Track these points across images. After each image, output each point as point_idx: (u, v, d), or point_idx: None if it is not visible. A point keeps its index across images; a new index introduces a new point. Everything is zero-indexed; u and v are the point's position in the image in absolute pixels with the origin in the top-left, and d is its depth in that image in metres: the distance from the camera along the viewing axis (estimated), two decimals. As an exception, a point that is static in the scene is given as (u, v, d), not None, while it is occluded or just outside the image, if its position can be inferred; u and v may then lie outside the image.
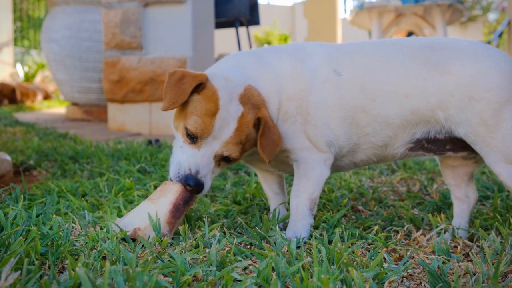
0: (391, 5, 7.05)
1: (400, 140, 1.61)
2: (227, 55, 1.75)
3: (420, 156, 1.66)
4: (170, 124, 1.62)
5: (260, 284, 1.18)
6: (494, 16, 16.26)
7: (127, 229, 1.48)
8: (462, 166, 1.73)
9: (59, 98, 11.41)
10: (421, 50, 1.58)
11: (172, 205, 1.51)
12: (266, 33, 11.62)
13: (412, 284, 1.27)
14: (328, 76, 1.61)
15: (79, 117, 6.48)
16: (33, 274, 1.11)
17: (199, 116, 1.49)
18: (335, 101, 1.59)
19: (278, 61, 1.64)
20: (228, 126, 1.50)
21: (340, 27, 11.49)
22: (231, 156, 1.53)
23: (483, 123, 1.47)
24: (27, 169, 2.79)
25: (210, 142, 1.51)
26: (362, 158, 1.70)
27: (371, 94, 1.58)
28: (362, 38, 14.84)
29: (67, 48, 6.18)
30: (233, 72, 1.58)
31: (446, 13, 7.06)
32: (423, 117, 1.56)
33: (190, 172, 1.50)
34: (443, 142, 1.60)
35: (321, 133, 1.61)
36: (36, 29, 15.94)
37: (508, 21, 8.27)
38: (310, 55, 1.65)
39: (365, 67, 1.61)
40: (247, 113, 1.52)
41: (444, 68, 1.53)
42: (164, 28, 4.92)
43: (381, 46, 1.66)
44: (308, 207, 1.62)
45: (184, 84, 1.50)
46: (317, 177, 1.63)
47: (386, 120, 1.58)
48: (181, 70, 1.55)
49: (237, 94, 1.52)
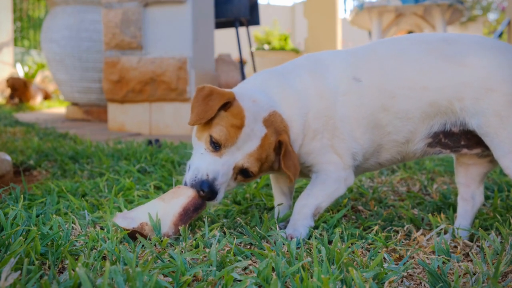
0: (391, 5, 7.05)
1: (419, 134, 1.65)
2: (254, 74, 1.78)
3: (437, 153, 1.69)
4: (192, 136, 1.64)
5: (260, 284, 1.18)
6: (494, 16, 16.25)
7: (134, 222, 1.49)
8: (476, 165, 1.75)
9: (59, 98, 11.40)
10: (436, 44, 1.63)
11: (182, 208, 1.51)
12: (266, 33, 11.61)
13: (412, 284, 1.27)
14: (349, 87, 1.65)
15: (79, 117, 6.48)
16: (33, 274, 1.11)
17: (225, 126, 1.52)
18: (357, 110, 1.64)
19: (300, 81, 1.67)
20: (251, 141, 1.54)
21: (340, 27, 11.49)
22: (250, 169, 1.55)
23: (496, 113, 1.52)
24: (27, 169, 2.79)
25: (233, 151, 1.53)
26: (387, 158, 1.73)
27: (390, 92, 1.62)
28: (362, 38, 14.84)
29: (67, 48, 6.18)
30: (259, 95, 1.61)
31: (446, 13, 7.05)
32: (440, 108, 1.60)
33: (207, 178, 1.51)
34: (458, 136, 1.63)
35: (347, 145, 1.65)
36: (36, 29, 15.95)
37: (508, 21, 8.27)
38: (328, 68, 1.69)
39: (381, 67, 1.64)
40: (270, 135, 1.56)
41: (460, 60, 1.57)
42: (164, 28, 4.92)
43: (394, 43, 1.70)
44: (312, 212, 1.64)
45: (212, 100, 1.53)
46: (332, 191, 1.67)
47: (406, 114, 1.62)
48: (210, 86, 1.57)
49: (262, 117, 1.56)
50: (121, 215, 1.52)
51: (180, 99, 4.90)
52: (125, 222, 1.50)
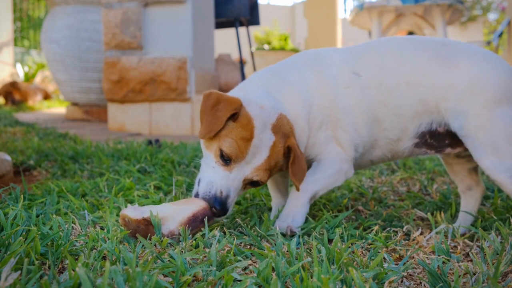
0: (391, 5, 7.05)
1: (409, 132, 1.70)
2: (253, 74, 1.79)
3: (423, 154, 1.74)
4: (201, 143, 1.64)
5: (260, 284, 1.18)
6: (494, 16, 16.25)
7: (143, 213, 1.49)
8: (457, 164, 1.85)
9: (59, 98, 11.40)
10: (432, 44, 1.69)
11: (192, 214, 1.52)
12: (266, 33, 11.61)
13: (412, 284, 1.27)
14: (349, 80, 1.68)
15: (79, 117, 6.48)
16: (33, 274, 1.11)
17: (234, 140, 1.52)
18: (359, 102, 1.67)
19: (300, 77, 1.70)
20: (260, 153, 1.55)
21: (340, 27, 11.49)
22: (260, 181, 1.58)
23: (477, 116, 1.58)
24: (27, 169, 2.79)
25: (242, 166, 1.55)
26: (378, 155, 1.78)
27: (388, 87, 1.66)
28: (362, 38, 14.84)
29: (67, 48, 6.18)
30: (265, 98, 1.61)
31: (446, 13, 7.05)
32: (428, 107, 1.65)
33: (221, 195, 1.53)
34: (443, 136, 1.69)
35: (350, 136, 1.69)
36: (36, 29, 15.95)
37: (508, 21, 8.27)
38: (327, 63, 1.72)
39: (380, 63, 1.69)
40: (279, 142, 1.57)
41: (452, 62, 1.63)
42: (164, 28, 4.92)
43: (392, 41, 1.75)
44: (309, 198, 1.67)
45: (219, 111, 1.52)
46: (332, 181, 1.71)
47: (400, 111, 1.67)
48: (216, 93, 1.56)
49: (270, 124, 1.56)
50: (131, 207, 1.53)
51: (180, 99, 4.90)
52: (135, 213, 1.51)
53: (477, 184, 1.85)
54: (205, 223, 1.53)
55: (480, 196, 1.85)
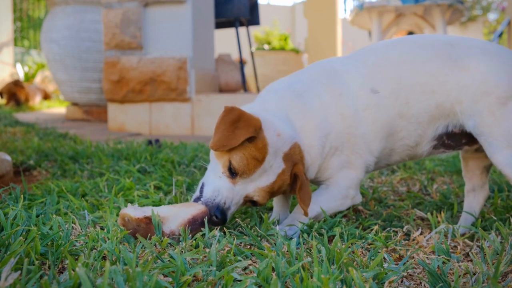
0: (391, 5, 7.04)
1: (427, 136, 1.71)
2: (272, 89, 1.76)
3: (441, 153, 1.78)
4: (211, 151, 1.63)
5: (260, 284, 1.18)
6: (494, 16, 16.24)
7: (144, 212, 1.50)
8: (474, 158, 1.85)
9: (59, 98, 11.40)
10: (442, 47, 1.69)
11: (191, 216, 1.53)
12: (266, 33, 11.59)
13: (412, 284, 1.27)
14: (367, 101, 1.68)
15: (79, 117, 6.48)
16: (33, 274, 1.11)
17: (245, 156, 1.53)
18: (377, 122, 1.68)
19: (320, 102, 1.68)
20: (267, 176, 1.56)
21: (340, 27, 11.48)
22: (259, 202, 1.59)
23: (490, 113, 1.60)
24: (27, 169, 2.79)
25: (246, 183, 1.56)
26: (396, 160, 1.80)
27: (405, 98, 1.67)
28: (362, 38, 14.83)
29: (67, 48, 6.18)
30: (284, 126, 1.61)
31: (446, 13, 7.05)
32: (444, 110, 1.67)
33: (224, 205, 1.54)
34: (459, 136, 1.71)
35: (364, 160, 1.71)
36: (36, 29, 15.95)
37: (508, 21, 8.27)
38: (346, 82, 1.70)
39: (395, 75, 1.69)
40: (287, 171, 1.58)
41: (462, 64, 1.64)
42: (164, 28, 4.92)
43: (404, 46, 1.73)
44: (310, 217, 1.67)
45: (239, 129, 1.51)
46: (337, 206, 1.73)
47: (417, 119, 1.68)
48: (239, 110, 1.55)
49: (282, 153, 1.57)
50: (131, 206, 1.54)
51: (180, 99, 4.90)
52: (136, 212, 1.51)
53: (482, 186, 1.86)
54: (203, 226, 1.53)
55: (483, 199, 1.86)
